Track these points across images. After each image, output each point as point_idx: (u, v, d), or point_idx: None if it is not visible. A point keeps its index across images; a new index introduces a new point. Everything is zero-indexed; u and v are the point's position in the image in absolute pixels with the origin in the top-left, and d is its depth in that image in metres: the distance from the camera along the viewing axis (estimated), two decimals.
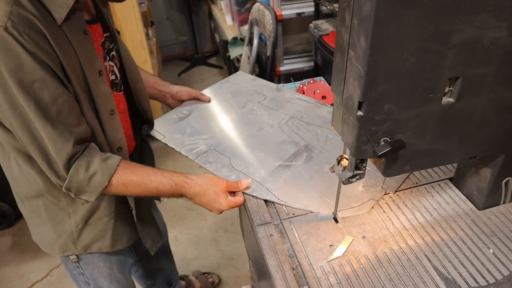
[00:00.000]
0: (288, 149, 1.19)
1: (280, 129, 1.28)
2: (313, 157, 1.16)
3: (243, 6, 3.11)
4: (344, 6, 0.66)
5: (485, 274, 0.82)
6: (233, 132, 1.28)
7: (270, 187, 1.05)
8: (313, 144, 1.21)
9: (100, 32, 1.03)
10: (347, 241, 0.90)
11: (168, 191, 1.00)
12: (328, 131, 1.26)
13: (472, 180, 0.98)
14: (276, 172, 1.10)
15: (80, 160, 0.92)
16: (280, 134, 1.25)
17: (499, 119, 0.80)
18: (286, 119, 1.32)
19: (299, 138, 1.24)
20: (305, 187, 1.06)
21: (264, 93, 1.47)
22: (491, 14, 0.65)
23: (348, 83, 0.70)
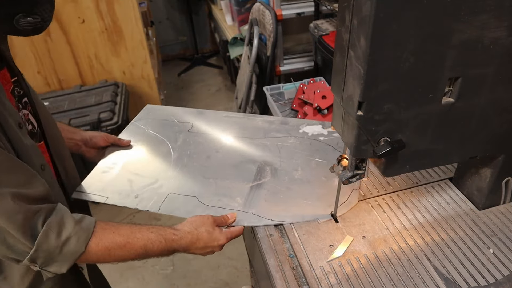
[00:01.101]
0: (249, 168, 1.13)
1: (227, 151, 1.21)
2: (277, 169, 1.12)
3: (243, 6, 3.11)
4: (344, 6, 0.66)
5: (485, 274, 0.82)
6: (181, 169, 1.14)
7: (257, 212, 0.99)
8: (269, 157, 1.17)
9: (7, 78, 0.87)
10: (347, 241, 0.91)
11: (157, 249, 0.85)
12: (275, 140, 1.23)
13: (472, 180, 0.98)
14: (253, 195, 1.04)
15: (50, 224, 0.76)
16: (232, 156, 1.18)
17: (499, 119, 0.80)
18: (229, 140, 1.26)
19: (252, 154, 1.18)
20: (288, 199, 1.03)
21: (187, 120, 1.35)
22: (491, 14, 0.65)
23: (348, 83, 0.70)
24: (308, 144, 1.22)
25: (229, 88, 3.94)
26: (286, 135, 1.25)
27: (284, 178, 1.09)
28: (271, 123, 1.32)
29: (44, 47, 2.48)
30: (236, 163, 1.16)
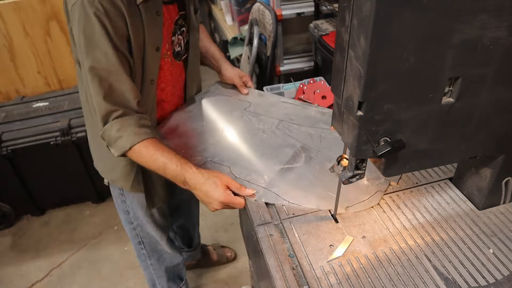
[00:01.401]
0: (285, 152, 1.18)
1: (272, 133, 1.27)
2: (312, 157, 1.16)
3: (243, 6, 3.11)
4: (344, 6, 0.66)
5: (485, 274, 0.82)
6: (226, 140, 1.26)
7: (277, 191, 1.04)
8: (309, 145, 1.21)
9: (176, 11, 1.23)
10: (347, 241, 0.90)
11: (173, 170, 1.05)
12: (320, 131, 1.27)
13: (472, 180, 0.98)
14: (280, 176, 1.09)
15: (117, 121, 1.07)
16: (274, 139, 1.25)
17: (499, 119, 0.80)
18: (276, 123, 1.32)
19: (293, 140, 1.23)
20: (311, 187, 1.06)
21: (248, 100, 1.46)
22: (491, 14, 0.65)
23: (348, 83, 0.70)
24: None
25: None
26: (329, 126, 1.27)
27: (315, 167, 1.12)
28: (323, 114, 1.36)
29: (44, 47, 2.48)
30: (276, 145, 1.21)
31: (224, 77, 1.53)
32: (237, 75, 1.50)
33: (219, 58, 1.54)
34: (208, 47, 1.55)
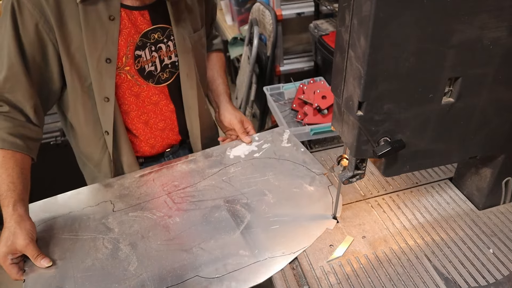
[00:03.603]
0: (220, 217, 0.98)
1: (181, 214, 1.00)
2: (247, 202, 1.02)
3: (243, 6, 3.11)
4: (344, 6, 0.66)
5: (485, 274, 0.82)
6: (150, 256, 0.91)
7: (271, 254, 0.89)
8: (228, 196, 1.05)
9: (144, 21, 1.04)
10: (347, 241, 0.90)
11: None
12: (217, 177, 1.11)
13: (472, 180, 0.98)
14: (251, 240, 0.92)
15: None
16: (190, 216, 1.00)
17: (499, 119, 0.80)
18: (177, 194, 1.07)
19: (209, 203, 1.03)
20: (286, 226, 0.95)
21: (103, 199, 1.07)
22: (491, 14, 0.65)
23: (348, 83, 0.70)
24: (250, 166, 1.14)
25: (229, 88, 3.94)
26: (222, 167, 1.15)
27: (262, 208, 1.00)
28: (196, 162, 1.17)
29: None
30: (202, 219, 0.98)
31: (223, 117, 1.29)
32: (239, 120, 1.26)
33: (221, 94, 1.33)
34: (215, 77, 1.34)
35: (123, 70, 1.06)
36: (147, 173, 1.15)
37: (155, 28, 1.07)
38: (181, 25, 1.09)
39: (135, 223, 0.99)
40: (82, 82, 1.01)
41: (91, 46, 0.97)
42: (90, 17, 0.95)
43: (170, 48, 1.11)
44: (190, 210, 1.02)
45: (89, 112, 1.06)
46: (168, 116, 1.20)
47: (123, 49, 1.03)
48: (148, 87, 1.12)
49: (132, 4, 1.02)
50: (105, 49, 0.99)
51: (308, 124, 1.59)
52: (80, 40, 0.96)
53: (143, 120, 1.16)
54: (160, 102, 1.16)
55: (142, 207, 1.04)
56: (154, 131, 1.20)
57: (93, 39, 0.96)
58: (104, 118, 1.07)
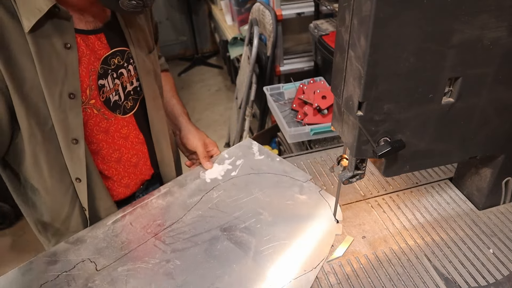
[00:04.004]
0: (225, 247, 0.90)
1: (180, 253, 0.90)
2: (245, 226, 0.95)
3: (243, 6, 3.11)
4: (344, 6, 0.66)
5: (485, 274, 0.82)
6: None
7: (294, 275, 0.83)
8: (222, 223, 0.96)
9: (102, 45, 0.92)
10: (347, 241, 0.90)
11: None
12: (202, 205, 1.01)
13: (472, 180, 0.98)
14: (267, 265, 0.86)
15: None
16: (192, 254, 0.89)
17: (499, 119, 0.80)
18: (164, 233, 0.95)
19: (205, 235, 0.94)
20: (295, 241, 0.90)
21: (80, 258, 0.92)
22: (491, 14, 0.65)
23: (348, 83, 0.70)
24: (232, 186, 1.07)
25: (229, 88, 3.94)
26: (202, 193, 1.05)
27: (264, 229, 0.94)
28: (172, 194, 1.06)
29: None
30: (205, 256, 0.88)
31: (186, 140, 1.18)
32: (202, 142, 1.16)
33: (179, 115, 1.22)
34: (168, 99, 1.22)
35: (88, 105, 0.92)
36: (120, 217, 1.00)
37: (114, 52, 0.95)
38: (138, 46, 0.99)
39: (130, 278, 0.84)
40: (42, 125, 0.85)
41: (49, 82, 0.82)
42: (42, 48, 0.80)
43: (131, 72, 1.00)
44: (188, 249, 0.90)
45: (53, 160, 0.89)
46: (140, 149, 1.08)
47: (86, 80, 0.89)
48: (117, 120, 0.99)
49: (86, 27, 0.89)
50: (66, 83, 0.84)
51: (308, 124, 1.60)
52: (35, 76, 0.80)
53: (115, 158, 1.02)
54: (130, 134, 1.04)
55: (130, 258, 0.89)
56: (127, 168, 1.06)
57: (50, 73, 0.82)
58: (73, 164, 0.91)
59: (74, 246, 0.93)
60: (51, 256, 0.92)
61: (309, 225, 0.94)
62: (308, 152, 1.23)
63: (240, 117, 2.59)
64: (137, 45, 0.98)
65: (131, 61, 0.99)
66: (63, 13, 0.81)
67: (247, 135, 2.56)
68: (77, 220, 0.99)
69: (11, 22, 0.77)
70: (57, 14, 0.80)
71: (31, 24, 0.77)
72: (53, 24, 0.81)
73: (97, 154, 0.99)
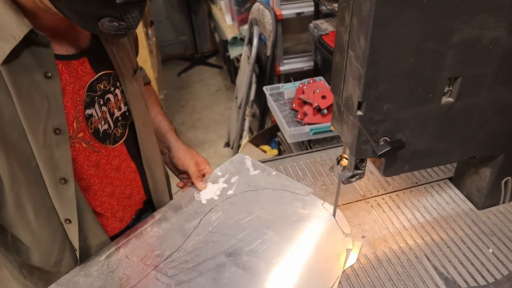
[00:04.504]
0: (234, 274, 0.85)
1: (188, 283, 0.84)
2: (251, 249, 0.90)
3: (243, 6, 3.11)
4: (343, 6, 0.66)
5: (485, 273, 0.82)
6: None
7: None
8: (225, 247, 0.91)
9: (86, 70, 0.83)
10: (357, 247, 0.89)
11: None
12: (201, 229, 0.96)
13: (472, 179, 0.98)
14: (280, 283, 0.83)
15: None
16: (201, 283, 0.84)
17: (499, 119, 0.80)
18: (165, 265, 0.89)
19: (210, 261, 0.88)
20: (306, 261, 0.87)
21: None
22: (491, 14, 0.65)
23: (347, 83, 0.70)
24: (231, 206, 1.02)
25: (229, 88, 3.94)
26: (200, 217, 1.00)
27: (270, 250, 0.89)
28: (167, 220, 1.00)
29: None
30: (213, 285, 0.83)
31: (176, 160, 1.11)
32: (194, 162, 1.09)
33: (166, 132, 1.13)
34: (153, 115, 1.13)
35: (76, 139, 0.82)
36: (113, 250, 0.92)
37: (100, 77, 0.85)
38: (124, 67, 0.90)
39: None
40: (25, 166, 0.75)
41: (30, 118, 0.72)
42: (20, 81, 0.70)
43: (118, 97, 0.91)
44: (194, 279, 0.84)
45: (39, 203, 0.80)
46: (133, 179, 0.99)
47: (72, 111, 0.80)
48: (107, 151, 0.90)
49: (68, 52, 0.80)
50: (50, 117, 0.75)
51: (307, 124, 1.60)
52: (13, 113, 0.70)
53: (107, 192, 0.93)
54: (122, 164, 0.95)
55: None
56: (121, 201, 0.97)
57: (31, 108, 0.72)
58: (62, 205, 0.82)
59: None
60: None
61: (318, 242, 0.90)
62: (308, 152, 1.23)
63: (240, 117, 2.59)
64: (122, 66, 0.90)
65: (118, 84, 0.90)
66: (41, 39, 0.70)
67: (247, 135, 2.56)
68: (69, 262, 0.90)
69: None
70: (34, 41, 0.70)
71: (5, 54, 0.66)
72: (30, 52, 0.70)
73: (88, 191, 0.89)
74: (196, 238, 0.94)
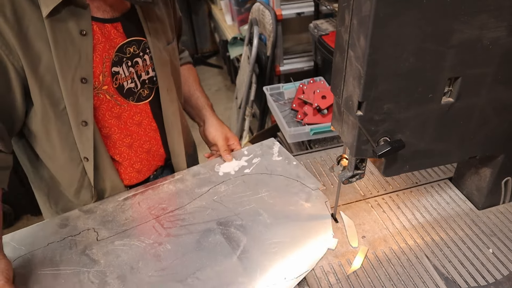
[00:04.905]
0: (215, 241, 0.91)
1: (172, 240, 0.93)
2: (242, 224, 0.95)
3: (243, 6, 3.11)
4: (343, 6, 0.66)
5: (485, 273, 0.82)
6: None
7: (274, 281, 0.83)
8: (220, 217, 0.98)
9: (121, 34, 0.95)
10: (363, 252, 0.89)
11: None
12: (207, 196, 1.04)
13: (472, 180, 0.98)
14: (250, 266, 0.86)
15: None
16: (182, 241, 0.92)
17: (499, 119, 0.80)
18: None
19: (200, 225, 0.96)
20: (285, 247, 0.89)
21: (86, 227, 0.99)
22: (491, 14, 0.65)
23: (347, 83, 0.70)
24: (241, 183, 1.08)
25: (229, 88, 3.94)
26: (211, 185, 1.08)
27: (259, 230, 0.94)
28: (183, 181, 1.10)
29: None
30: (195, 245, 0.91)
31: (207, 133, 1.24)
32: (224, 136, 1.21)
33: (203, 107, 1.26)
34: (192, 91, 1.27)
35: (101, 90, 0.95)
36: (131, 195, 1.06)
37: (130, 41, 0.97)
38: (156, 37, 1.01)
39: (122, 252, 0.90)
40: (55, 106, 0.90)
41: (63, 66, 0.86)
42: (59, 34, 0.84)
43: (146, 62, 1.02)
44: (181, 235, 0.93)
45: (64, 138, 0.94)
46: (153, 136, 1.11)
47: (99, 66, 0.93)
48: (130, 106, 1.02)
49: (104, 16, 0.92)
50: (79, 68, 0.88)
51: (308, 124, 1.60)
52: (50, 59, 0.85)
53: (126, 143, 1.05)
54: (143, 121, 1.07)
55: (128, 234, 0.94)
56: (139, 154, 1.09)
57: (65, 58, 0.86)
58: (82, 144, 0.95)
59: (84, 214, 1.01)
60: (63, 220, 1.00)
61: (304, 235, 0.92)
62: (308, 152, 1.23)
63: (240, 117, 2.59)
64: (154, 36, 1.00)
65: (147, 51, 1.01)
66: (80, 1, 0.85)
67: (247, 135, 2.56)
68: (87, 195, 1.04)
69: (29, 7, 0.81)
70: (74, 2, 0.84)
71: (49, 10, 0.81)
72: (70, 11, 0.84)
73: (108, 138, 1.02)
74: (200, 203, 1.03)
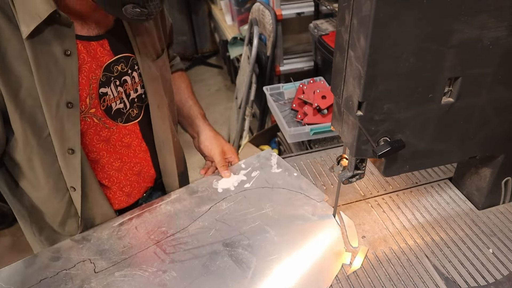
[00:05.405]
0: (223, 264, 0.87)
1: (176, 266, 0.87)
2: (249, 243, 0.91)
3: (243, 6, 3.11)
4: (343, 6, 0.66)
5: (485, 273, 0.82)
6: None
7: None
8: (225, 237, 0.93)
9: (105, 51, 0.89)
10: (363, 252, 0.89)
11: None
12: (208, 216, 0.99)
13: (472, 180, 0.98)
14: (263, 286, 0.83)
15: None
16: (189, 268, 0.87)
17: (499, 119, 0.80)
18: None
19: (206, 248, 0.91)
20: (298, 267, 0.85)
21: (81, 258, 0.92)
22: (491, 14, 0.65)
23: (347, 83, 0.70)
24: (243, 199, 1.03)
25: (229, 88, 3.94)
26: (211, 203, 1.03)
27: (267, 249, 0.89)
28: (180, 201, 1.05)
29: None
30: (202, 270, 0.86)
31: (202, 146, 1.16)
32: (220, 150, 1.13)
33: (195, 117, 1.18)
34: (184, 100, 1.19)
35: (88, 114, 0.89)
36: (126, 219, 0.99)
37: (118, 59, 0.92)
38: (144, 52, 0.95)
39: (124, 284, 0.84)
40: (38, 133, 0.84)
41: (46, 90, 0.79)
42: (41, 55, 0.78)
43: (135, 79, 0.97)
44: (186, 261, 0.88)
45: (48, 168, 0.88)
46: (143, 157, 1.05)
47: (86, 88, 0.87)
48: (118, 128, 0.97)
49: (88, 34, 0.86)
50: (64, 91, 0.82)
51: (308, 124, 1.60)
52: (32, 84, 0.78)
53: (116, 167, 1.00)
54: (133, 143, 1.02)
55: (129, 263, 0.88)
56: (129, 177, 1.04)
57: (48, 81, 0.79)
58: (68, 173, 0.89)
59: (78, 244, 0.94)
60: (54, 252, 0.93)
61: (316, 251, 0.89)
62: (308, 152, 1.23)
63: (240, 117, 2.59)
64: (143, 51, 0.95)
65: (136, 67, 0.96)
66: (63, 19, 0.78)
67: (247, 135, 2.56)
68: (73, 225, 0.98)
69: (8, 27, 0.74)
70: (57, 20, 0.77)
71: (30, 30, 0.74)
72: (53, 30, 0.78)
73: (96, 163, 0.97)
74: (201, 223, 0.97)
